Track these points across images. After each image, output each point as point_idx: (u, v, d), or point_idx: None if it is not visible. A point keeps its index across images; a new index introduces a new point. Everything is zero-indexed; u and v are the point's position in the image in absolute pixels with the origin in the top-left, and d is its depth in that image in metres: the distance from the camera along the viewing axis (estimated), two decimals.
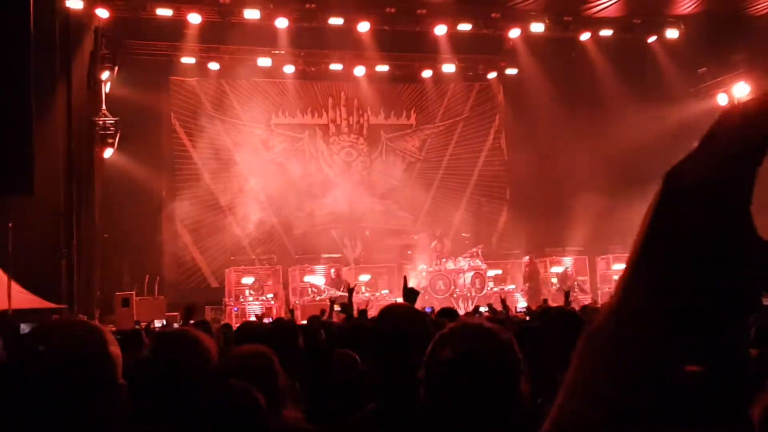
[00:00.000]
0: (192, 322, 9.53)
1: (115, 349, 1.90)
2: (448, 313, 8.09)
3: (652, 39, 24.89)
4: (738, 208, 0.67)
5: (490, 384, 2.11)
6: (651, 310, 0.67)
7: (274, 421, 3.03)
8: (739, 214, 0.67)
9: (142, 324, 14.79)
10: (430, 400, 2.20)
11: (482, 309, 14.30)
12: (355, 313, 10.03)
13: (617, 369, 0.68)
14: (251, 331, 6.35)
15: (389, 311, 3.31)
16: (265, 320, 10.99)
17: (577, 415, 0.70)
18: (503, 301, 11.61)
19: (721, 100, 23.44)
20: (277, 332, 5.68)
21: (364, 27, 22.95)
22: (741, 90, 22.65)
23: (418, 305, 5.29)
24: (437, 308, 10.63)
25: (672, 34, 24.33)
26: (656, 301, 0.67)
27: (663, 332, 0.67)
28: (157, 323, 15.75)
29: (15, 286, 16.02)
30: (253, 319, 12.84)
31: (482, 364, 2.12)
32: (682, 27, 24.18)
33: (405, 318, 3.21)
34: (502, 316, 9.98)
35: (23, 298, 16.45)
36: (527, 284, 23.19)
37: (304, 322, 10.08)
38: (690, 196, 0.67)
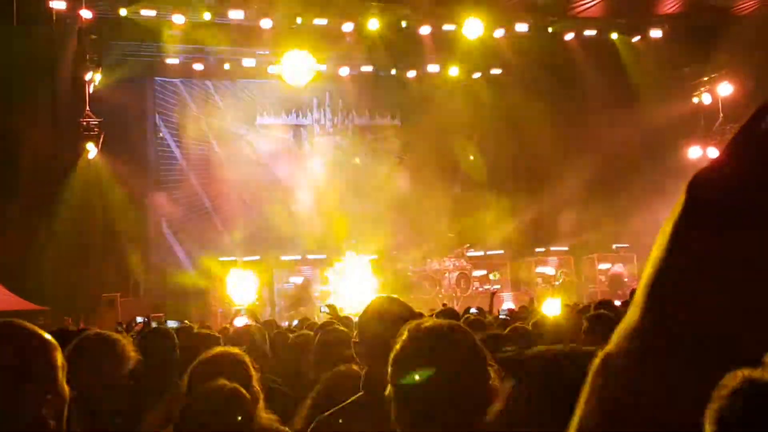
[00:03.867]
0: (176, 324, 9.50)
1: (56, 354, 1.84)
2: (449, 313, 8.04)
3: (636, 39, 24.98)
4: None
5: (450, 387, 2.12)
6: (683, 335, 0.59)
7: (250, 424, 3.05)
8: None
9: (124, 324, 14.75)
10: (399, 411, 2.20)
11: (472, 310, 14.30)
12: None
13: (640, 398, 0.61)
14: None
15: (373, 307, 3.25)
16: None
17: None
18: (492, 295, 11.59)
19: (705, 99, 23.59)
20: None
21: (348, 27, 22.93)
22: (724, 89, 22.78)
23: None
24: (422, 310, 10.62)
25: (656, 33, 24.43)
26: (687, 327, 0.59)
27: (694, 361, 0.59)
28: (139, 319, 15.73)
29: None
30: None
31: (441, 366, 2.13)
32: (666, 27, 24.28)
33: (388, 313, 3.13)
34: (486, 317, 9.99)
35: (7, 300, 16.41)
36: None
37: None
38: (718, 210, 0.59)
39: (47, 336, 1.88)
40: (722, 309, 0.58)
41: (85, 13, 20.75)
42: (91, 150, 21.02)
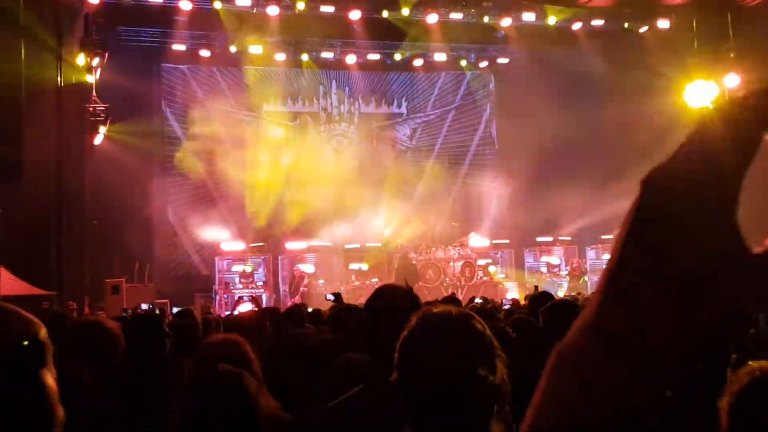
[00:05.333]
0: (176, 310, 9.54)
1: (45, 339, 1.78)
2: (451, 302, 8.04)
3: (643, 29, 24.90)
4: (723, 218, 0.62)
5: (458, 373, 2.12)
6: (634, 328, 0.62)
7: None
8: (725, 225, 0.62)
9: (129, 311, 14.80)
10: (405, 398, 2.20)
11: (477, 300, 14.32)
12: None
13: (593, 392, 0.63)
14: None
15: (383, 292, 3.23)
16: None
17: None
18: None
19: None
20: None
21: (355, 15, 22.88)
22: (732, 80, 22.68)
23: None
24: (428, 298, 10.61)
25: (663, 24, 24.34)
26: (639, 319, 0.62)
27: (647, 354, 0.62)
28: (144, 306, 15.80)
29: (5, 273, 16.02)
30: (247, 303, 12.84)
31: (451, 354, 2.13)
32: (674, 17, 24.20)
33: (400, 298, 3.11)
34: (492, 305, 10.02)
35: (12, 285, 16.44)
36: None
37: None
38: (669, 206, 0.62)
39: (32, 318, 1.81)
40: (667, 306, 0.61)
41: None
42: (98, 136, 21.05)
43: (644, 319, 0.61)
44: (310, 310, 9.98)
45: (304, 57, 25.39)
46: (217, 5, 21.91)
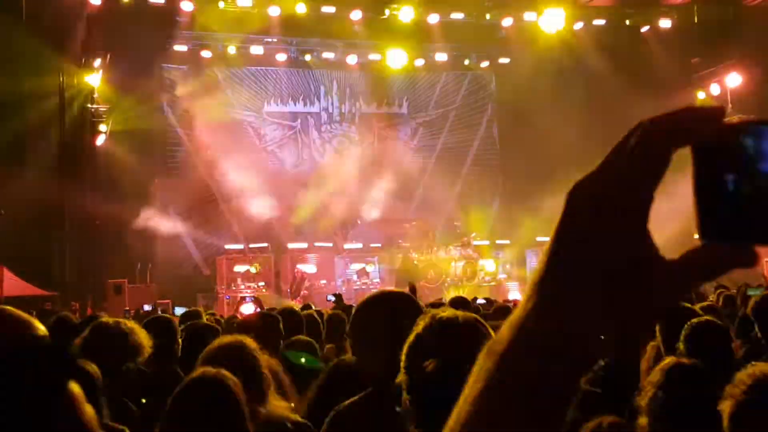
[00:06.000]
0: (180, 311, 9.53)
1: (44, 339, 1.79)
2: (460, 302, 8.04)
3: (645, 28, 24.89)
4: (635, 226, 0.67)
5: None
6: (543, 326, 0.68)
7: (256, 411, 3.05)
8: (637, 232, 0.67)
9: (131, 311, 14.83)
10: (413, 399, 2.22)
11: (480, 301, 14.29)
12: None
13: (510, 383, 0.69)
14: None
15: (380, 298, 3.21)
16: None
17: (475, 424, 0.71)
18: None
19: (714, 90, 23.47)
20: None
21: (356, 15, 22.88)
22: (734, 80, 22.67)
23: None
24: (429, 298, 10.59)
25: (665, 23, 24.32)
26: (549, 319, 0.67)
27: (565, 356, 0.67)
28: (147, 307, 15.80)
29: (7, 274, 16.06)
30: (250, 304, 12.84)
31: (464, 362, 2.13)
32: (675, 17, 24.18)
33: (399, 303, 3.09)
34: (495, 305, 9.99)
35: (15, 285, 16.49)
36: None
37: None
38: (588, 214, 0.67)
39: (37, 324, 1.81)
40: (586, 313, 0.66)
41: (94, 0, 20.76)
42: (100, 137, 21.07)
43: (566, 325, 0.66)
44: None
45: (306, 57, 25.40)
46: (219, 5, 21.89)
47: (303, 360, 5.05)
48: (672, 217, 4.33)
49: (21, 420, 1.65)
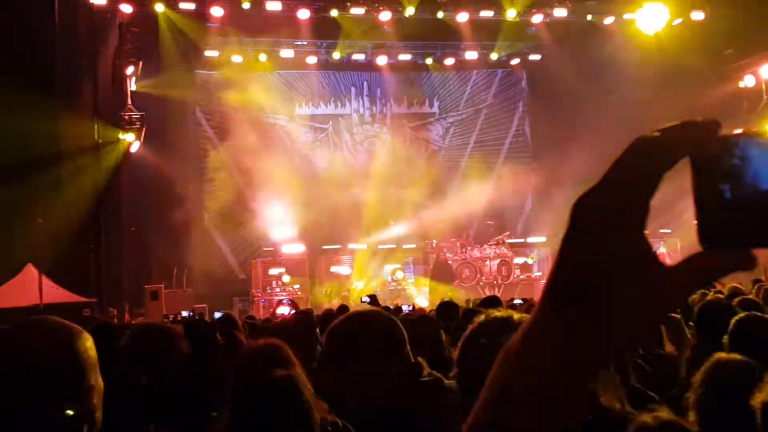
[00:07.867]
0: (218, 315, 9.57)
1: (86, 349, 1.80)
2: (492, 302, 7.93)
3: (677, 21, 24.62)
4: (633, 235, 0.70)
5: None
6: (552, 333, 0.71)
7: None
8: (635, 240, 0.70)
9: (170, 316, 14.91)
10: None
11: (516, 301, 14.23)
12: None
13: (520, 386, 0.72)
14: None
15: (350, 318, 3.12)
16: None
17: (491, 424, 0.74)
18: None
19: (748, 81, 23.18)
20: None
21: (385, 16, 22.87)
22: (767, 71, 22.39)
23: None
24: (464, 297, 10.52)
25: (697, 16, 24.05)
26: (556, 327, 0.70)
27: (573, 360, 0.70)
28: (184, 313, 15.88)
29: (46, 281, 16.22)
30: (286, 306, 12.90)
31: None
32: (708, 9, 23.91)
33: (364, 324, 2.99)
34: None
35: (54, 293, 16.65)
36: None
37: None
38: (590, 225, 0.71)
39: (79, 331, 1.83)
40: (588, 323, 0.69)
41: (125, 8, 20.97)
42: (134, 144, 21.25)
43: (572, 334, 0.69)
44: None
45: (336, 58, 25.41)
46: (245, 6, 21.92)
47: None
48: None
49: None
